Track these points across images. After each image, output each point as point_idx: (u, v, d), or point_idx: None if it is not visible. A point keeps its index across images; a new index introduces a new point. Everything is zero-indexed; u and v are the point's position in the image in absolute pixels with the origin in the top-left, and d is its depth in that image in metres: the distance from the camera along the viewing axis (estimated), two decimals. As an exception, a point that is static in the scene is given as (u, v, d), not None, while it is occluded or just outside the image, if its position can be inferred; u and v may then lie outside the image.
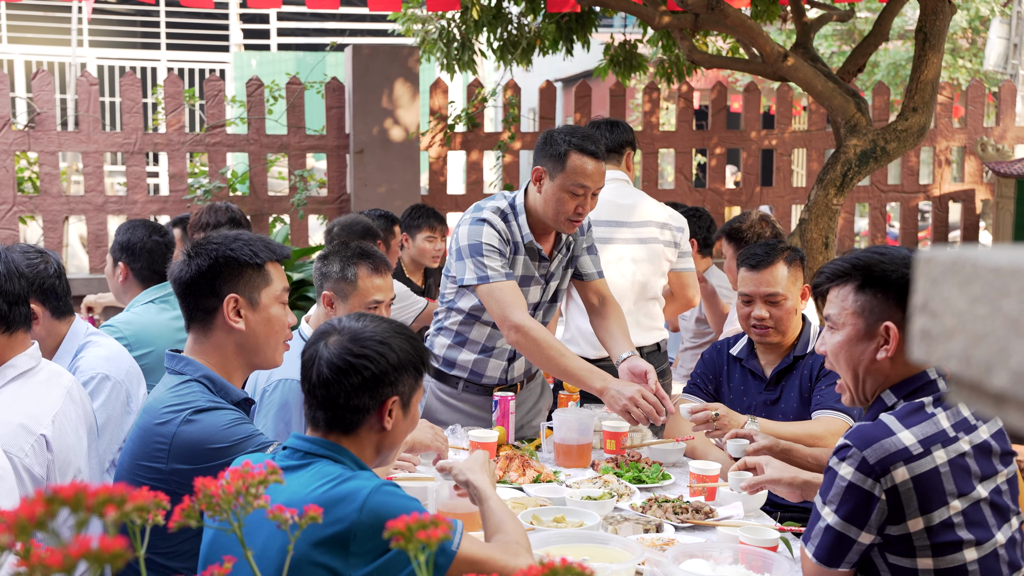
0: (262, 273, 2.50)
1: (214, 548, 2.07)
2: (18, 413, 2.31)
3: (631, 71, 7.11)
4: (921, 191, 7.97)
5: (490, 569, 2.01)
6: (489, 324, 3.60)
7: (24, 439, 2.27)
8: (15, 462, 2.20)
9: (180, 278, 2.48)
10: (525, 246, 3.50)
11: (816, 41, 14.17)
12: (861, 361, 2.27)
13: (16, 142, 6.53)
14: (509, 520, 2.24)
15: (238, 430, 2.37)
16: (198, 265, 2.45)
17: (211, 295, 2.46)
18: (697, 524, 2.76)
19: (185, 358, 2.48)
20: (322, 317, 3.29)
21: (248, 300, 2.48)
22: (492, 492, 2.34)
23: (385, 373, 2.06)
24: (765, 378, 3.49)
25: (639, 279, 4.12)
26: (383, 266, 3.31)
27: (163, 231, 3.97)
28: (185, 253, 2.51)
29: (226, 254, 2.45)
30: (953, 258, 0.70)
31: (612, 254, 4.09)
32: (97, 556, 0.87)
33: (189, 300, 2.49)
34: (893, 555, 2.18)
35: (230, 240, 2.49)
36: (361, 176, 6.85)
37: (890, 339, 2.22)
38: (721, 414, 3.12)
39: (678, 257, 4.25)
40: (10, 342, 2.39)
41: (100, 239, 6.71)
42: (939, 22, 5.29)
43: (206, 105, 6.87)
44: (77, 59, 12.91)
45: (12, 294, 2.36)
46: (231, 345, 2.49)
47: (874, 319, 2.24)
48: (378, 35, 14.96)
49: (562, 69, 14.86)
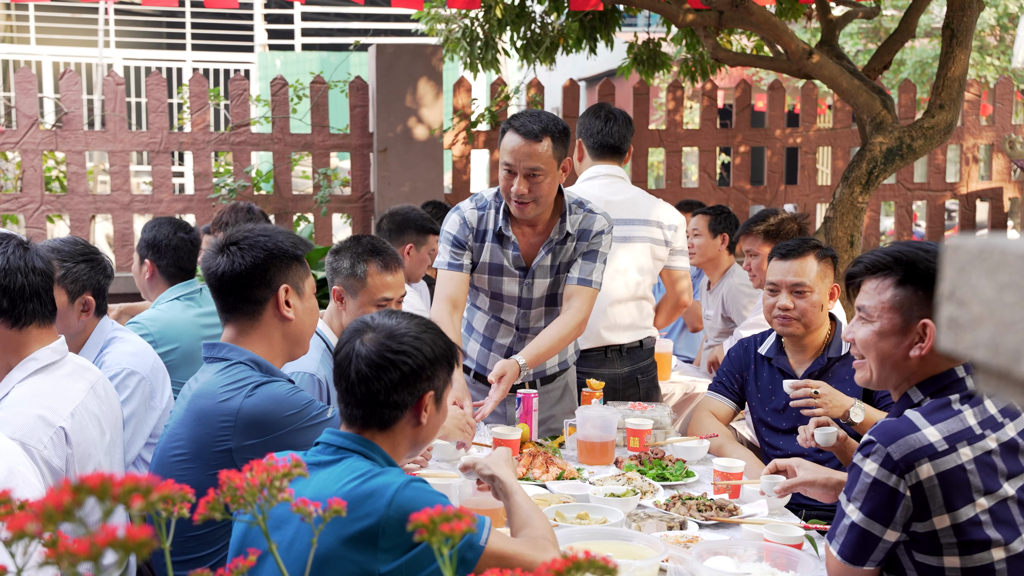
0: (303, 265, 2.61)
1: (244, 541, 2.09)
2: (37, 405, 2.33)
3: (655, 70, 7.08)
4: (948, 189, 7.90)
5: (518, 564, 2.02)
6: (488, 314, 3.66)
7: (43, 431, 2.29)
8: (33, 453, 2.22)
9: (225, 273, 2.51)
10: (495, 233, 3.55)
11: (841, 39, 14.08)
12: (892, 356, 2.25)
13: (44, 142, 6.58)
14: (536, 515, 2.24)
15: (300, 396, 2.46)
16: (252, 258, 2.50)
17: (264, 286, 2.53)
18: (721, 521, 2.74)
19: (227, 345, 2.53)
20: (333, 312, 3.32)
21: (296, 290, 2.57)
22: (518, 487, 2.34)
23: (423, 368, 2.09)
24: (795, 377, 3.47)
25: (627, 277, 4.05)
26: (394, 263, 3.30)
27: (189, 228, 4.00)
28: (219, 247, 2.53)
29: (278, 246, 2.54)
30: (981, 246, 0.70)
31: None
32: (123, 545, 0.88)
33: (237, 292, 2.53)
34: (919, 553, 2.16)
35: (273, 233, 2.58)
36: (385, 175, 6.87)
37: (926, 337, 2.20)
38: (822, 392, 3.07)
39: (670, 255, 4.17)
40: (22, 337, 2.40)
41: (126, 238, 6.76)
42: (966, 18, 5.24)
43: (231, 104, 6.91)
44: (104, 60, 13.01)
45: (13, 290, 2.37)
46: (278, 335, 2.56)
47: (912, 316, 2.22)
48: (402, 35, 15.00)
49: (586, 68, 14.83)
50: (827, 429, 2.79)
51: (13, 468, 2.01)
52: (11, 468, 2.00)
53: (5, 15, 15.77)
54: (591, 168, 4.13)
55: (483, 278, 3.62)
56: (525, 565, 2.02)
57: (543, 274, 3.59)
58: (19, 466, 2.04)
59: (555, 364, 3.78)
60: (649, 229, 4.08)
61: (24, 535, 0.91)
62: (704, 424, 3.58)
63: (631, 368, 4.10)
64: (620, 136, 4.10)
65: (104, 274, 3.27)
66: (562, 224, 3.54)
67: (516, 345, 3.66)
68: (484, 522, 2.01)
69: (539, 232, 3.58)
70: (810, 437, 2.82)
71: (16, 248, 2.41)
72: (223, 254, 2.52)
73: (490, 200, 3.59)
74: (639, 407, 3.68)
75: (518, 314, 3.66)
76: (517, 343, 3.67)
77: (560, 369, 3.81)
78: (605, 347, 4.05)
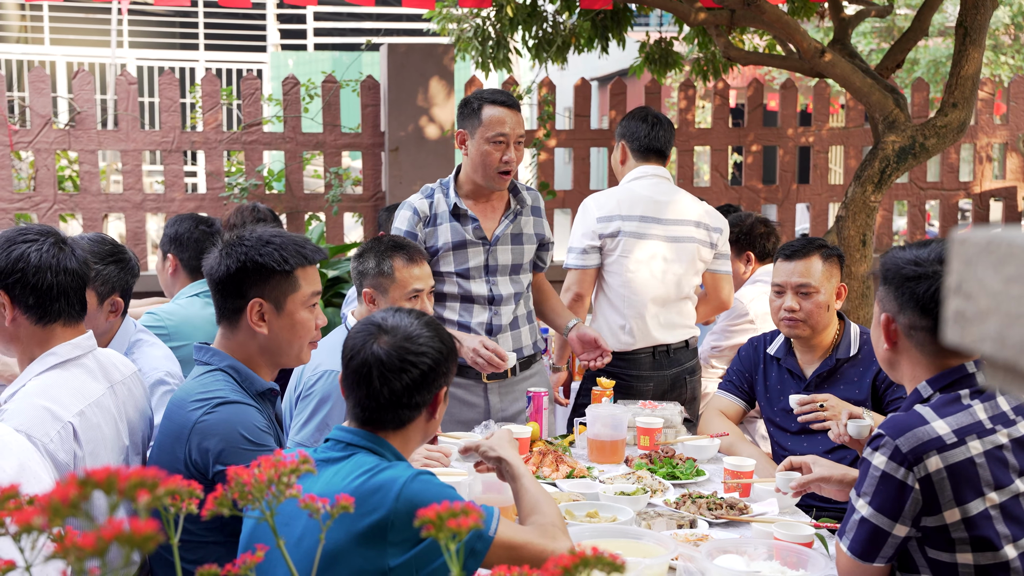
0: (290, 279, 2.49)
1: (252, 537, 2.10)
2: (46, 398, 2.33)
3: (667, 69, 7.07)
4: (961, 188, 7.86)
5: (528, 553, 2.02)
6: (458, 299, 3.75)
7: (50, 424, 2.29)
8: (38, 446, 2.22)
9: (211, 274, 2.52)
10: (451, 212, 3.71)
11: (854, 38, 14.06)
12: (878, 349, 2.35)
13: (57, 141, 6.61)
14: (544, 500, 2.24)
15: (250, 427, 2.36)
16: (227, 266, 2.47)
17: (237, 296, 2.48)
18: (731, 520, 2.74)
19: (212, 349, 2.53)
20: (364, 314, 3.31)
21: (273, 305, 2.49)
22: (525, 469, 2.34)
23: (440, 364, 2.13)
24: (804, 378, 3.45)
25: (673, 277, 4.08)
26: (418, 255, 3.33)
27: (210, 222, 4.05)
28: (218, 249, 2.53)
29: (254, 259, 2.46)
30: (987, 239, 0.69)
31: (644, 252, 4.05)
32: (129, 539, 0.88)
33: (217, 297, 2.53)
34: (932, 549, 2.15)
35: (261, 243, 2.49)
36: (396, 174, 6.87)
37: (889, 332, 2.26)
38: (829, 404, 3.06)
39: (714, 258, 4.20)
40: (46, 333, 2.41)
41: (139, 237, 6.78)
42: (980, 16, 5.21)
43: (243, 104, 6.92)
44: (117, 60, 13.06)
45: (41, 288, 2.38)
46: (254, 345, 2.52)
47: (879, 311, 2.30)
48: (413, 34, 15.02)
49: (597, 67, 14.83)
50: (860, 421, 2.76)
51: (24, 464, 2.01)
52: (22, 463, 2.00)
53: (20, 16, 15.85)
54: (637, 168, 4.17)
55: (448, 257, 3.72)
56: (535, 553, 2.02)
57: (505, 241, 3.77)
58: (30, 462, 2.04)
59: (530, 345, 3.89)
60: (697, 230, 4.13)
61: (31, 529, 0.91)
62: (712, 423, 3.58)
63: (678, 369, 4.12)
64: (665, 140, 4.19)
65: (132, 274, 3.29)
66: (519, 196, 3.83)
67: (493, 320, 3.75)
68: (492, 512, 2.01)
69: (494, 206, 3.79)
70: (843, 431, 2.79)
71: (51, 246, 2.42)
72: (216, 255, 2.52)
73: (435, 187, 3.79)
74: (650, 405, 3.68)
75: (488, 283, 3.74)
76: (494, 318, 3.75)
77: (535, 351, 3.93)
78: (653, 348, 4.07)
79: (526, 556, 2.03)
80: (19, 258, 2.37)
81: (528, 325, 3.88)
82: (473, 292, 3.73)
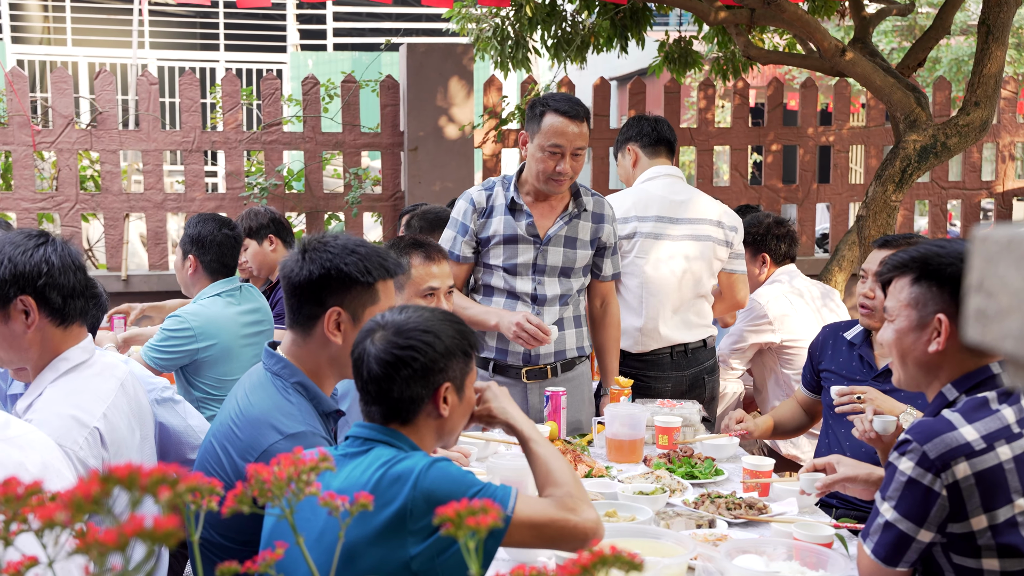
0: (371, 291, 2.43)
1: (273, 534, 2.11)
2: (70, 405, 2.32)
3: (686, 68, 7.05)
4: (984, 188, 7.80)
5: (551, 529, 2.02)
6: (504, 294, 3.73)
7: (77, 432, 2.29)
8: (69, 454, 2.22)
9: (289, 278, 2.43)
10: (507, 206, 3.71)
11: (875, 37, 13.96)
12: (912, 352, 2.26)
13: (79, 141, 6.65)
14: (558, 468, 2.18)
15: None
16: (309, 271, 2.39)
17: (315, 303, 2.41)
18: (750, 520, 2.73)
19: (283, 359, 2.45)
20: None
21: (351, 315, 2.42)
22: (537, 433, 2.29)
23: (434, 361, 2.07)
24: (875, 368, 3.43)
25: (690, 277, 4.07)
26: (436, 254, 3.32)
27: (232, 225, 4.07)
28: (298, 251, 2.44)
29: (339, 267, 2.39)
30: (1009, 236, 0.69)
31: (663, 251, 4.05)
32: (150, 535, 0.89)
33: (293, 301, 2.44)
34: (957, 555, 2.13)
35: (346, 252, 2.41)
36: (415, 173, 6.89)
37: (942, 331, 2.20)
38: (867, 397, 2.99)
39: (729, 257, 4.20)
40: (65, 336, 2.41)
41: (159, 236, 6.82)
42: (1003, 14, 5.18)
43: (263, 104, 6.95)
44: (138, 60, 13.13)
45: (67, 287, 2.38)
46: (325, 356, 2.44)
47: (927, 311, 2.22)
48: (433, 34, 15.04)
49: (616, 67, 14.78)
50: (886, 417, 2.72)
51: (47, 461, 2.02)
52: (45, 461, 2.01)
53: (43, 17, 15.97)
54: (649, 169, 4.18)
55: (497, 249, 3.72)
56: (557, 528, 2.02)
57: (558, 243, 3.72)
58: (53, 460, 2.05)
59: (574, 348, 3.82)
60: (714, 229, 4.13)
61: (54, 524, 0.92)
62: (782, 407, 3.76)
63: (697, 368, 4.12)
64: (670, 132, 4.23)
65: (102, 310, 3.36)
66: (579, 200, 3.76)
67: None
68: (509, 491, 2.01)
69: (552, 206, 3.75)
70: (869, 427, 2.77)
71: (63, 245, 2.42)
72: (296, 257, 2.44)
73: (497, 181, 3.79)
74: (668, 404, 3.67)
75: (533, 282, 3.71)
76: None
77: (579, 355, 3.85)
78: (671, 348, 4.07)
79: (548, 532, 2.02)
80: (42, 260, 2.37)
81: (575, 329, 3.81)
82: (518, 289, 3.72)
